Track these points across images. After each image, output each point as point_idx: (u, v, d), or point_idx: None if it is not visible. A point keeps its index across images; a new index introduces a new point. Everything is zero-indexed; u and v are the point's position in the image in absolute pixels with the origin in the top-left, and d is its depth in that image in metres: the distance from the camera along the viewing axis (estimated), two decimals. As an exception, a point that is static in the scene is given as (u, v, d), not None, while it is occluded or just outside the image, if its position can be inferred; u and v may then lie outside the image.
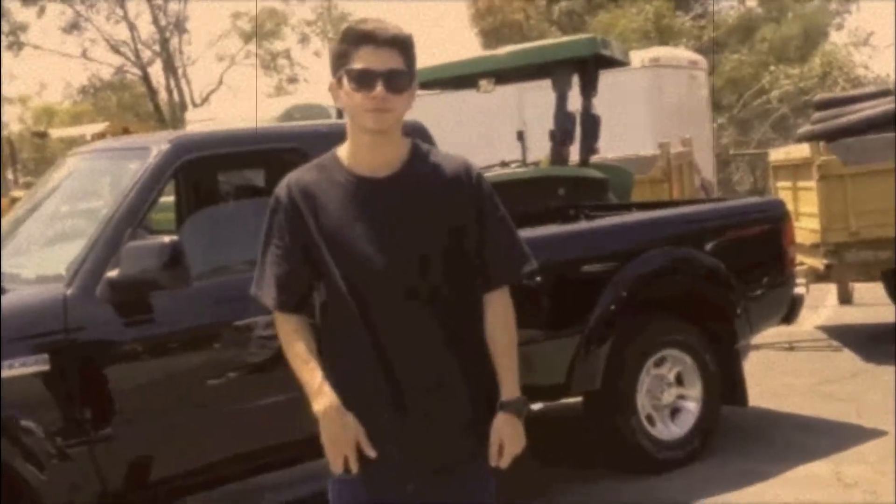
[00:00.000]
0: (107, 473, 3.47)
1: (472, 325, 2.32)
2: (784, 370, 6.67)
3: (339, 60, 2.25)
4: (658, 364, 4.85)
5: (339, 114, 6.52)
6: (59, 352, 3.38)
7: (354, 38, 2.24)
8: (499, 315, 2.33)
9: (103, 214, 3.75)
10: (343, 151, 2.34)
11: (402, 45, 2.26)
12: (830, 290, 8.85)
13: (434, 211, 2.27)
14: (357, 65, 2.21)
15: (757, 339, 5.81)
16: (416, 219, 2.26)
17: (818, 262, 7.11)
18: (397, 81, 2.22)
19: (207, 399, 3.71)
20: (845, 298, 8.79)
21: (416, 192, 2.27)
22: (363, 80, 2.21)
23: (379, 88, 2.20)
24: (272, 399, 3.83)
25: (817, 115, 7.92)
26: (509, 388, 2.32)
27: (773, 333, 6.61)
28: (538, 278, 4.42)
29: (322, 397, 2.29)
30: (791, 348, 7.33)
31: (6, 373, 3.26)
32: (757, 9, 25.54)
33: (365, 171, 2.29)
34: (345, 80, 2.24)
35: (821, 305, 8.79)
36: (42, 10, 30.51)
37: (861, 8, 25.87)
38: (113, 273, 3.48)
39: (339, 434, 2.28)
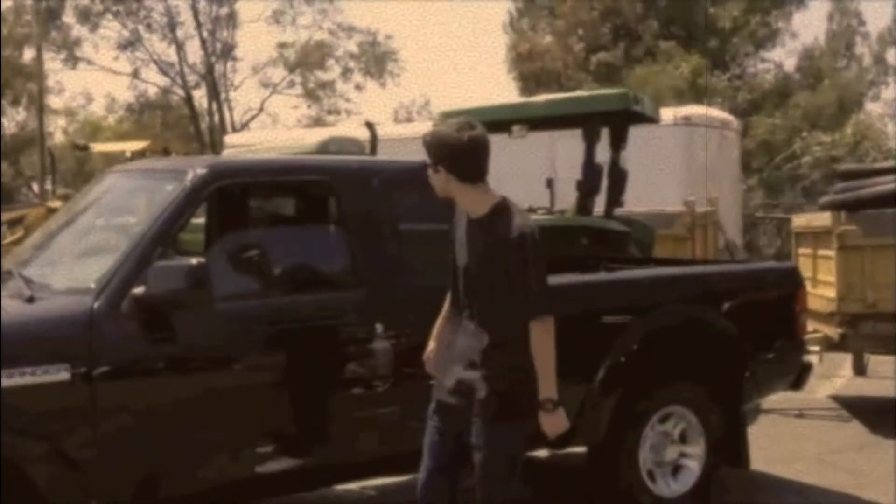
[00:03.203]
0: (115, 485, 3.57)
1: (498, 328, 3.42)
2: (791, 437, 6.69)
3: None
4: (663, 420, 4.91)
5: (373, 149, 6.67)
6: (80, 363, 3.50)
7: None
8: (533, 341, 3.41)
9: (135, 232, 3.89)
10: None
11: (425, 145, 3.49)
12: (846, 360, 8.85)
13: (484, 247, 3.43)
14: None
15: (767, 403, 5.85)
16: (475, 249, 3.46)
17: (833, 331, 7.14)
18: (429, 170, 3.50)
19: (220, 420, 3.82)
20: (860, 370, 8.78)
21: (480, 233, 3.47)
22: None
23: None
24: (284, 424, 3.94)
25: (841, 185, 7.99)
26: (542, 390, 3.41)
27: (783, 399, 6.64)
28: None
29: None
30: (800, 415, 7.34)
31: (27, 379, 3.38)
32: (794, 74, 25.66)
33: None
34: None
35: (835, 375, 8.79)
36: (95, 26, 31.13)
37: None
38: (139, 290, 3.61)
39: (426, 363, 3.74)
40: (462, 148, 3.41)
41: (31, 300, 3.65)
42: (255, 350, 3.94)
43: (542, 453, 5.19)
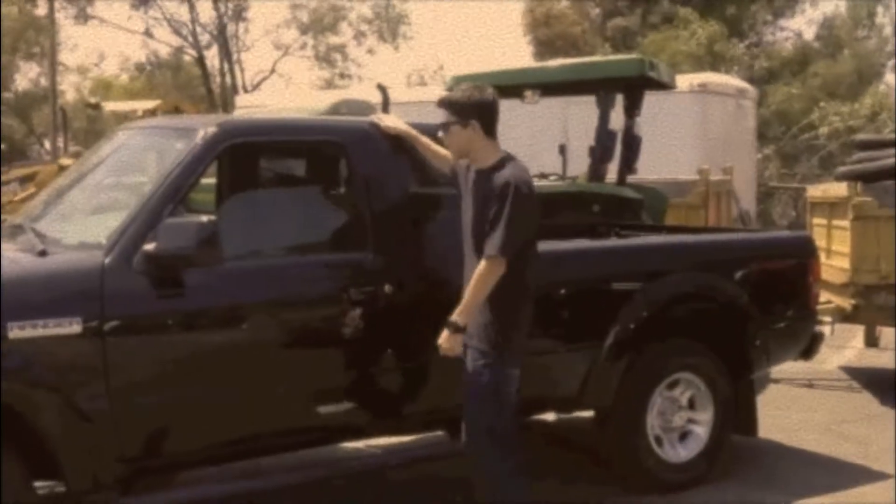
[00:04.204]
0: (125, 438, 3.61)
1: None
2: (800, 406, 6.69)
3: None
4: (671, 386, 4.91)
5: (385, 111, 6.63)
6: (91, 316, 3.52)
7: None
8: (477, 271, 3.73)
9: (146, 189, 3.90)
10: None
11: (445, 104, 3.92)
12: (857, 332, 8.81)
13: (483, 195, 3.79)
14: None
15: (777, 373, 5.85)
16: (478, 197, 3.82)
17: (846, 302, 7.10)
18: (444, 127, 3.91)
19: (228, 376, 3.84)
20: (871, 341, 8.74)
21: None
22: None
23: (440, 133, 3.98)
24: (292, 382, 3.97)
25: (858, 155, 7.92)
26: (456, 313, 3.74)
27: (794, 369, 6.63)
28: (563, 290, 4.55)
29: None
30: (810, 385, 7.33)
31: (38, 331, 3.40)
32: (813, 43, 25.39)
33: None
34: None
35: (846, 346, 8.77)
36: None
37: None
38: (150, 246, 3.62)
39: None
40: (490, 105, 3.89)
41: (42, 254, 3.66)
42: (263, 309, 3.94)
43: (550, 417, 5.21)
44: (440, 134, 3.99)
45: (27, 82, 32.72)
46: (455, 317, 3.72)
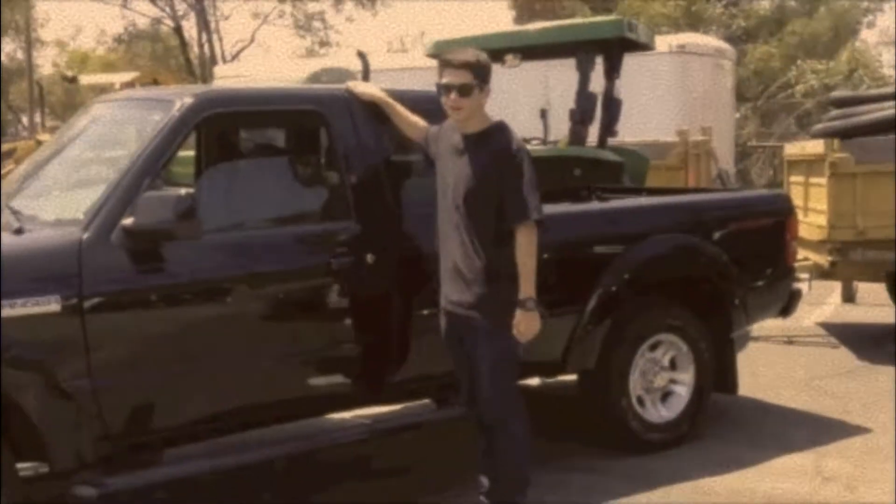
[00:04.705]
0: (108, 416, 3.58)
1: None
2: (779, 363, 6.77)
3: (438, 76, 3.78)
4: (653, 348, 4.96)
5: (365, 79, 6.58)
6: (70, 293, 3.49)
7: (442, 63, 3.80)
8: (519, 242, 3.68)
9: (124, 163, 3.86)
10: None
11: (471, 66, 3.73)
12: (835, 288, 8.92)
13: (486, 159, 3.72)
14: (443, 80, 3.75)
15: (756, 331, 5.91)
16: (475, 161, 3.73)
17: (823, 259, 7.17)
18: (465, 91, 3.72)
19: (212, 350, 3.84)
20: (848, 297, 8.86)
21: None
22: (443, 90, 3.76)
23: (453, 96, 3.73)
24: (275, 355, 3.97)
25: (834, 112, 7.95)
26: (522, 290, 3.66)
27: (772, 326, 6.71)
28: (545, 255, 4.55)
29: None
30: (789, 342, 7.42)
31: (17, 310, 3.37)
32: (790, 1, 25.33)
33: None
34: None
35: (824, 302, 8.87)
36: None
37: (894, 7, 25.52)
38: (129, 221, 3.60)
39: None
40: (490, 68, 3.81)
41: (19, 231, 3.63)
42: (245, 281, 3.93)
43: (534, 382, 5.25)
44: (451, 96, 3.73)
45: (3, 57, 32.26)
46: (524, 294, 3.66)
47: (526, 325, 3.69)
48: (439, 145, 3.93)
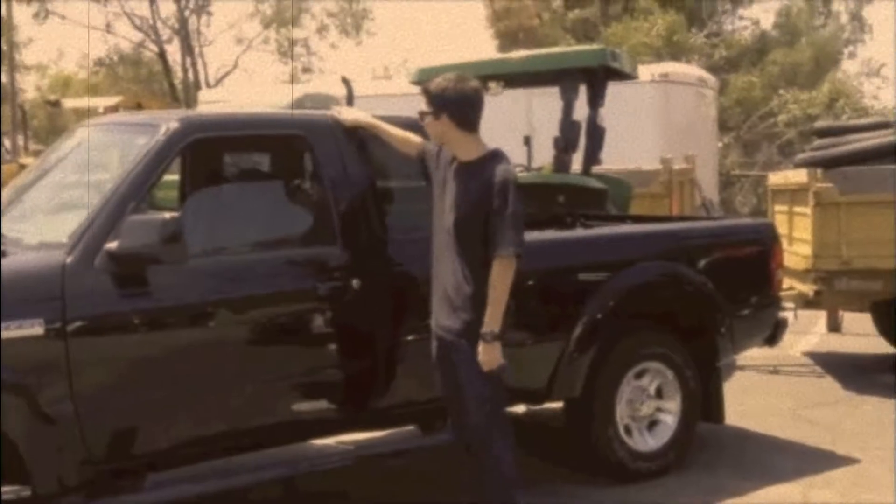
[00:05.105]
0: (91, 440, 3.55)
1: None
2: (765, 392, 6.76)
3: None
4: (639, 376, 4.93)
5: (349, 105, 6.58)
6: (54, 317, 3.46)
7: None
8: (493, 273, 3.65)
9: (108, 186, 3.83)
10: None
11: (425, 92, 3.83)
12: (820, 318, 8.94)
13: (474, 189, 3.72)
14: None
15: (742, 360, 5.90)
16: (465, 191, 3.73)
17: (808, 288, 7.19)
18: (422, 117, 3.85)
19: (195, 375, 3.80)
20: (834, 326, 8.88)
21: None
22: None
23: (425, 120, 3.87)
24: (260, 380, 3.93)
25: (817, 142, 8.01)
26: (486, 322, 3.63)
27: (758, 355, 6.70)
28: (529, 282, 4.53)
29: None
30: (775, 371, 7.42)
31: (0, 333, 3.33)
32: (771, 32, 25.62)
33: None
34: None
35: (809, 332, 8.88)
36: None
37: (875, 39, 25.92)
38: (113, 245, 3.57)
39: None
40: (464, 98, 3.77)
41: (2, 255, 3.59)
42: (229, 306, 3.90)
43: (520, 409, 5.21)
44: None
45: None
46: (487, 327, 3.63)
47: (486, 356, 3.64)
48: (438, 165, 3.93)
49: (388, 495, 4.67)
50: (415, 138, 4.13)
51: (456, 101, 3.75)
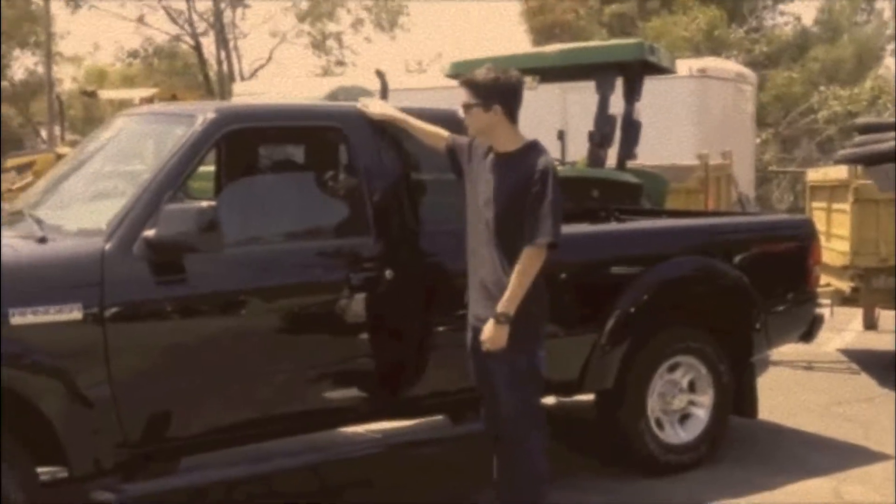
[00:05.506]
0: (127, 423, 3.61)
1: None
2: (800, 388, 6.71)
3: None
4: (672, 369, 4.92)
5: (383, 98, 6.60)
6: (93, 303, 3.52)
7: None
8: (521, 260, 3.64)
9: (146, 176, 3.89)
10: None
11: (469, 84, 3.79)
12: (856, 315, 8.84)
13: (515, 181, 3.71)
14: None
15: (777, 355, 5.87)
16: (505, 182, 3.72)
17: (845, 285, 7.12)
18: (465, 108, 3.80)
19: (229, 362, 3.84)
20: (870, 324, 8.78)
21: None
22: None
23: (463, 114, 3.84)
24: (292, 368, 3.97)
25: (858, 138, 7.90)
26: (502, 304, 3.65)
27: (793, 352, 6.66)
28: (563, 275, 4.53)
29: None
30: (809, 368, 7.35)
31: (39, 318, 3.41)
32: (812, 28, 25.33)
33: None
34: None
35: (845, 329, 8.79)
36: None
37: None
38: (150, 232, 3.62)
39: None
40: (513, 88, 3.78)
41: (43, 241, 3.66)
42: (264, 294, 3.94)
43: (550, 401, 5.22)
44: (462, 114, 3.85)
45: (23, 72, 32.64)
46: (502, 308, 3.63)
47: (493, 335, 3.66)
48: (471, 158, 3.91)
49: (414, 484, 4.70)
50: (443, 132, 4.13)
51: (506, 91, 3.75)
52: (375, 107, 4.30)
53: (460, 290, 3.94)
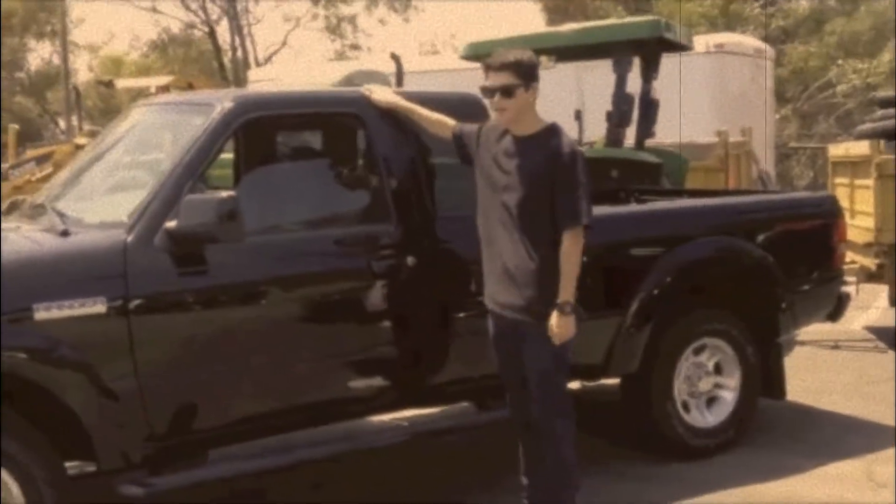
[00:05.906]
0: (153, 416, 3.61)
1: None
2: (827, 368, 6.65)
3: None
4: (698, 352, 4.88)
5: (399, 81, 6.56)
6: (117, 295, 3.51)
7: (484, 66, 3.79)
8: (565, 245, 3.64)
9: (165, 166, 3.87)
10: None
11: (511, 66, 3.69)
12: (882, 292, 8.73)
13: (539, 162, 3.68)
14: (486, 83, 3.75)
15: (803, 335, 5.79)
16: (528, 164, 3.68)
17: (870, 262, 7.04)
18: (507, 92, 3.67)
19: (254, 352, 3.83)
20: (896, 301, 8.68)
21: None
22: (486, 93, 3.78)
23: (497, 98, 3.70)
24: (316, 357, 3.95)
25: (880, 112, 7.81)
26: (562, 294, 3.60)
27: (819, 331, 6.59)
28: (585, 258, 4.48)
29: None
30: (836, 347, 7.28)
31: (64, 311, 3.40)
32: (829, 0, 25.03)
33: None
34: None
35: (871, 306, 8.70)
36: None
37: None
38: (171, 224, 3.60)
39: None
40: (537, 69, 3.76)
41: (65, 234, 3.65)
42: (286, 284, 3.92)
43: (575, 385, 5.18)
44: (494, 99, 3.73)
45: (39, 62, 32.74)
46: (563, 297, 3.62)
47: (561, 328, 3.64)
48: (483, 145, 3.86)
49: (435, 474, 4.68)
50: (448, 120, 4.07)
51: (537, 71, 3.75)
52: (380, 94, 4.24)
53: (481, 275, 3.91)
